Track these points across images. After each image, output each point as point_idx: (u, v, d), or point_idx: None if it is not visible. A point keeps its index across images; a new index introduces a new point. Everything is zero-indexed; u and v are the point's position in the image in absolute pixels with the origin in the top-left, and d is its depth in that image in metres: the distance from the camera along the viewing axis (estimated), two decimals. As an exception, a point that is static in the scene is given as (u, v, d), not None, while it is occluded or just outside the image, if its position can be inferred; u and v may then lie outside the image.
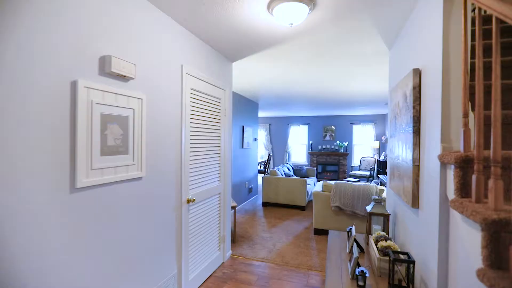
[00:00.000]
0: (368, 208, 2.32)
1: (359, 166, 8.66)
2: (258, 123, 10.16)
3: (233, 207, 3.46)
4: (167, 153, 1.97)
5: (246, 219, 4.64)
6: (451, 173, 1.15)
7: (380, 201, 2.32)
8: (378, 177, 7.39)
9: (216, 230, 2.73)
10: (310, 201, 5.97)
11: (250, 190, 6.05)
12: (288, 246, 3.47)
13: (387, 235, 1.93)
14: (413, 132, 1.64)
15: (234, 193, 5.15)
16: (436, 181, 1.27)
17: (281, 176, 5.57)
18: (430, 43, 1.46)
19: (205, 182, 2.48)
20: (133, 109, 1.65)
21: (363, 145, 9.07)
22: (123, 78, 1.58)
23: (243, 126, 5.54)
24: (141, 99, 1.70)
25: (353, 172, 8.22)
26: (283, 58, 2.96)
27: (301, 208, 5.28)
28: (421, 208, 1.53)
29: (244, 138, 5.55)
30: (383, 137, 8.40)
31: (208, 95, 2.51)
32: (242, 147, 5.52)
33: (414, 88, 1.64)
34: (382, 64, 3.14)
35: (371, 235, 2.12)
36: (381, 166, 7.63)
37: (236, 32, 2.30)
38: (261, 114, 9.24)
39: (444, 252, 1.21)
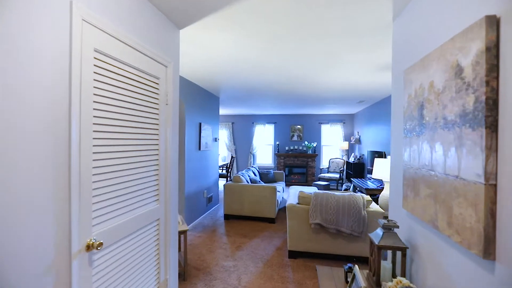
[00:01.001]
0: (375, 237, 1.61)
1: (328, 168, 8.22)
2: (220, 121, 9.21)
3: (183, 232, 2.53)
4: (30, 165, 0.96)
5: (203, 239, 3.71)
6: None
7: (390, 227, 1.63)
8: (350, 180, 6.97)
9: (151, 277, 1.78)
10: (280, 210, 5.24)
11: (209, 199, 5.11)
12: (258, 279, 2.65)
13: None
14: (484, 127, 0.92)
15: (189, 206, 4.18)
16: None
17: (246, 183, 4.74)
18: None
19: (129, 208, 1.53)
20: None
21: (332, 146, 8.68)
22: None
23: (200, 124, 4.59)
24: None
25: (322, 174, 7.74)
26: (246, 27, 2.13)
27: (271, 220, 4.51)
28: (501, 260, 0.81)
29: (201, 138, 4.60)
30: (352, 138, 8.07)
31: (136, 69, 1.57)
32: (199, 149, 4.56)
33: (487, 49, 0.92)
34: (376, 46, 2.49)
35: (386, 282, 1.39)
36: (351, 169, 7.24)
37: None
38: (223, 111, 8.32)
39: None
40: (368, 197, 3.05)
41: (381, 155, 4.85)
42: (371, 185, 4.97)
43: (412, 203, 1.51)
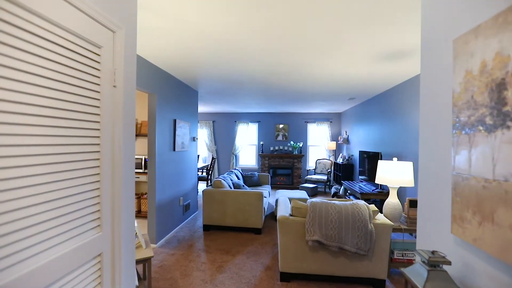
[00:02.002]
0: (417, 278, 1.16)
1: (314, 169, 7.82)
2: (199, 119, 8.55)
3: (145, 260, 1.92)
4: None
5: (177, 258, 3.09)
6: None
7: (437, 263, 1.16)
8: (340, 182, 6.59)
9: None
10: (267, 217, 4.71)
11: (186, 207, 4.48)
12: (244, 314, 2.10)
13: None
14: None
15: (161, 218, 3.54)
16: None
17: (228, 188, 4.16)
18: None
19: (41, 247, 0.93)
20: None
21: (319, 146, 8.29)
22: None
23: (175, 120, 3.96)
24: None
25: (309, 176, 7.32)
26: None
27: (257, 231, 3.97)
28: None
29: (176, 137, 3.97)
30: (339, 137, 7.72)
31: (57, 25, 0.97)
32: (174, 150, 3.93)
33: None
34: (387, 20, 2.02)
35: None
36: (340, 170, 6.87)
37: None
38: (203, 109, 7.67)
39: None
40: (373, 207, 2.59)
41: (376, 156, 4.46)
42: (365, 188, 4.58)
43: (475, 230, 1.03)
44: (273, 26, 2.16)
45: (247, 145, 8.57)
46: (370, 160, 4.78)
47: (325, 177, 7.16)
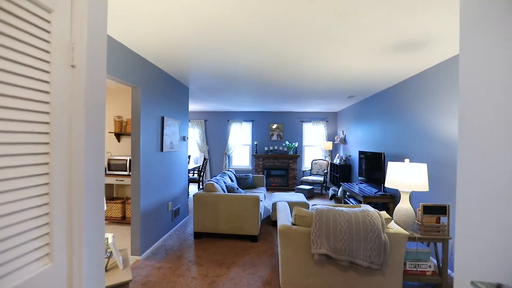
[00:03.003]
0: None
1: (310, 170, 7.56)
2: (191, 118, 8.18)
3: (122, 286, 1.59)
4: None
5: (164, 272, 2.75)
6: None
7: None
8: (337, 184, 6.34)
9: None
10: (263, 222, 4.40)
11: (175, 213, 4.13)
12: None
13: None
14: None
15: (146, 227, 3.18)
16: None
17: (221, 192, 3.84)
18: None
19: None
20: None
21: (315, 147, 8.04)
22: None
23: (163, 118, 3.60)
24: None
25: (305, 177, 7.05)
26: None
27: (253, 238, 3.65)
28: None
29: (164, 136, 3.62)
30: (336, 137, 7.49)
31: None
32: (162, 150, 3.58)
33: None
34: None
35: None
36: (337, 171, 6.63)
37: None
38: (195, 107, 7.31)
39: None
40: (385, 214, 2.32)
41: (378, 157, 4.22)
42: (367, 191, 4.33)
43: None
44: (272, 12, 1.86)
45: (240, 145, 8.25)
46: (371, 161, 4.54)
47: (321, 178, 6.90)
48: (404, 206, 2.54)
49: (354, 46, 2.59)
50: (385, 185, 2.67)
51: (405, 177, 2.49)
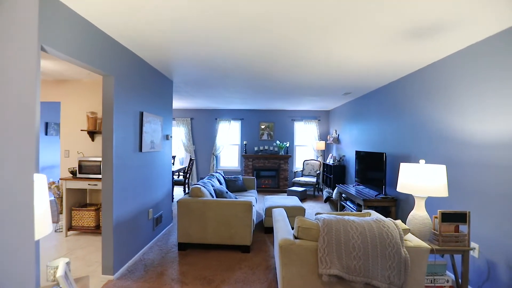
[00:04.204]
0: None
1: (302, 171, 7.25)
2: (176, 116, 7.68)
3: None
4: None
5: (142, 294, 2.32)
6: None
7: None
8: (332, 185, 6.05)
9: None
10: (256, 230, 4.00)
11: (157, 220, 3.68)
12: None
13: None
14: None
15: (121, 239, 2.72)
16: None
17: (209, 197, 3.42)
18: None
19: None
20: None
21: (307, 146, 7.73)
22: None
23: (142, 113, 3.15)
24: None
25: (296, 178, 6.73)
26: None
27: (245, 249, 3.26)
28: None
29: (144, 134, 3.16)
30: (328, 137, 7.22)
31: None
32: (141, 150, 3.12)
33: None
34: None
35: None
36: (330, 172, 6.35)
37: None
38: (181, 104, 6.82)
39: None
40: (401, 224, 1.99)
41: (379, 157, 3.94)
42: (366, 193, 4.04)
43: None
44: None
45: (229, 145, 7.83)
46: (370, 161, 4.26)
47: (313, 180, 6.61)
48: (419, 213, 2.23)
49: (357, 34, 2.26)
50: (397, 190, 2.35)
51: (421, 180, 2.18)
